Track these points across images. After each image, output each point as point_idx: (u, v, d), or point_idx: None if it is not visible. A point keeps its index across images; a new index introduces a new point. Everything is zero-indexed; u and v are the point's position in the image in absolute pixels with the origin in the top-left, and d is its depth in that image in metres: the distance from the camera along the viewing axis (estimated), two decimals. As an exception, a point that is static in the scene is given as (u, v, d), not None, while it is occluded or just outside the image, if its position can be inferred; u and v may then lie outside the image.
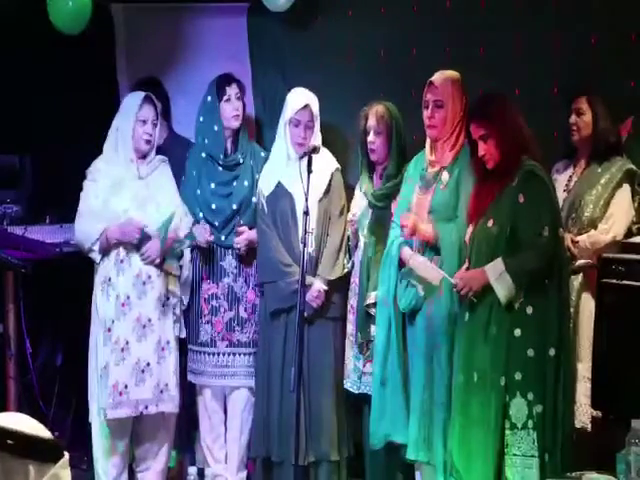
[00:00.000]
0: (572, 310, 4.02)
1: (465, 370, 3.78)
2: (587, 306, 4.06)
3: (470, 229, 3.88)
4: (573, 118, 4.28)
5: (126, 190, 4.44)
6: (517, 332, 3.67)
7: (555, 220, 3.79)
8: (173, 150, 4.77)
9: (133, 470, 4.62)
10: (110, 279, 4.39)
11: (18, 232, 4.95)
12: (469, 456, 3.73)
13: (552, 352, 3.68)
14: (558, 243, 3.77)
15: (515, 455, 3.67)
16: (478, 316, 3.76)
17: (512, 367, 3.67)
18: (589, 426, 4.02)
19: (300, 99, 4.52)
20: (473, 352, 3.75)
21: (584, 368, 3.97)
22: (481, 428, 3.70)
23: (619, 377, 3.78)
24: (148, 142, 4.46)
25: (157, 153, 4.58)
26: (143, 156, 4.51)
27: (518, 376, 3.66)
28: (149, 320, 4.39)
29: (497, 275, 3.67)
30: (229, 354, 4.61)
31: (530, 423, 3.65)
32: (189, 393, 4.69)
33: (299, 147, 4.47)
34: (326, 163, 4.56)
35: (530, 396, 3.66)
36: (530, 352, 3.66)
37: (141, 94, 4.49)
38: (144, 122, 4.44)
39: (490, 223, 3.76)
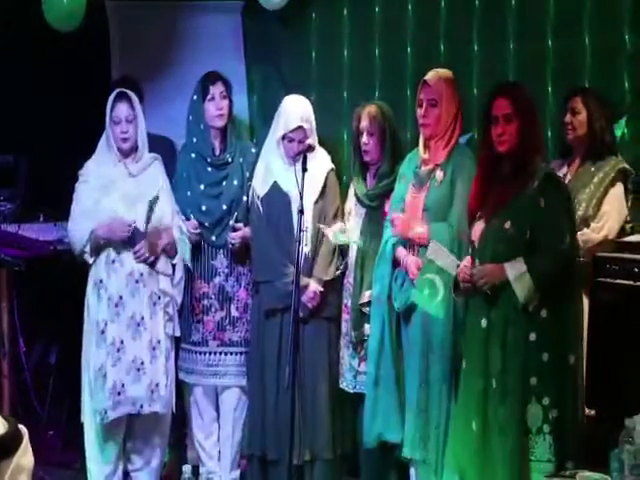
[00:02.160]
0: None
1: (483, 376, 3.71)
2: (581, 305, 4.06)
3: (478, 227, 3.78)
4: (568, 117, 4.27)
5: (116, 189, 4.41)
6: (532, 336, 3.62)
7: (574, 226, 3.77)
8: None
9: (127, 469, 4.61)
10: (101, 281, 4.37)
11: (12, 230, 4.96)
12: (487, 461, 3.68)
13: (572, 359, 3.65)
14: (576, 250, 3.75)
15: (530, 460, 3.63)
16: (496, 322, 3.69)
17: (528, 372, 3.62)
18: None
19: (294, 119, 4.42)
20: (491, 358, 3.68)
21: (578, 367, 3.97)
22: (500, 434, 3.65)
23: (613, 376, 3.78)
24: (125, 140, 4.40)
25: None
26: (130, 154, 4.47)
27: (533, 381, 3.62)
28: (142, 318, 4.38)
29: (518, 274, 3.60)
30: (220, 353, 4.60)
31: (546, 428, 3.61)
32: (181, 391, 4.68)
33: (292, 157, 4.44)
34: (321, 164, 4.53)
35: (546, 401, 3.61)
36: (545, 356, 3.61)
37: (113, 93, 4.42)
38: (118, 122, 4.39)
39: (507, 225, 3.67)
